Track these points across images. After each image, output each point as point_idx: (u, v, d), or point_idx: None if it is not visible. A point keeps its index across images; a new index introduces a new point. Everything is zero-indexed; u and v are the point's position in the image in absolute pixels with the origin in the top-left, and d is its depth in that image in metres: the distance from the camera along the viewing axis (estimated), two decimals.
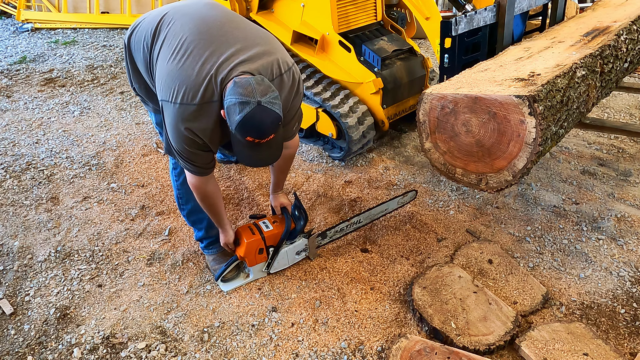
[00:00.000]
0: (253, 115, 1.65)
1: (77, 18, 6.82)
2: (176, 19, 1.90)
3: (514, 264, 2.38)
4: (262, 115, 1.67)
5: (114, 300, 2.29)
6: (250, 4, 3.60)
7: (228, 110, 1.69)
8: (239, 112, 1.65)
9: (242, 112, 1.65)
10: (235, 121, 1.67)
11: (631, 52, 2.57)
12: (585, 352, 1.87)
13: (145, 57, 1.96)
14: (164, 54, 1.84)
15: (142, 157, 3.49)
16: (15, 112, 4.28)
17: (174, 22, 1.89)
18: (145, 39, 1.94)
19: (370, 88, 3.11)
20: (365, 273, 2.40)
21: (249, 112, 1.65)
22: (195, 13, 1.92)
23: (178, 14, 1.92)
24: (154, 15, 1.99)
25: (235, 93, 1.67)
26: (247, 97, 1.65)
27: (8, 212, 2.93)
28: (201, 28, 1.85)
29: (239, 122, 1.66)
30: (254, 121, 1.66)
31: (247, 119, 1.66)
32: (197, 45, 1.80)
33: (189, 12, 1.93)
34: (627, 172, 3.10)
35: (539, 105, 1.79)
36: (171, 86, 1.76)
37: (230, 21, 1.93)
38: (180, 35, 1.84)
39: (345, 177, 3.20)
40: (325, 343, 2.04)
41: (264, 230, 2.27)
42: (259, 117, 1.67)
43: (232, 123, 1.69)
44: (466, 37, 2.62)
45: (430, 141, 2.20)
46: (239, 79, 1.70)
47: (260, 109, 1.66)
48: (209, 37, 1.83)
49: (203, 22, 1.88)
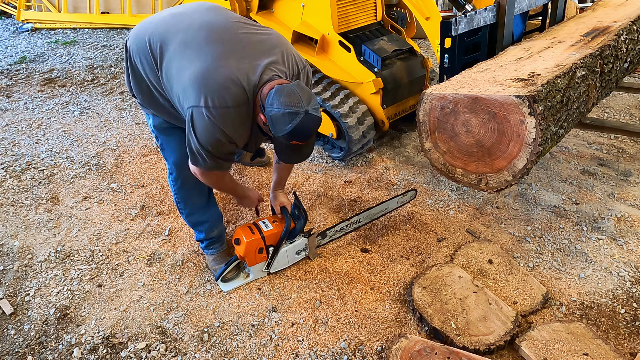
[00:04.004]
0: (302, 124, 1.71)
1: (77, 18, 6.82)
2: (185, 29, 1.88)
3: (514, 264, 2.38)
4: (310, 123, 1.73)
5: (114, 300, 2.29)
6: (250, 4, 3.60)
7: (274, 119, 1.72)
8: (288, 122, 1.70)
9: (292, 123, 1.70)
10: (284, 130, 1.72)
11: (631, 52, 2.57)
12: (585, 352, 1.87)
13: (153, 67, 1.93)
14: (180, 62, 1.83)
15: (142, 157, 3.49)
16: (15, 112, 4.28)
17: (183, 31, 1.88)
18: (153, 49, 1.91)
19: (370, 88, 3.11)
20: (365, 273, 2.40)
21: (299, 122, 1.70)
22: (202, 20, 1.91)
23: (184, 24, 1.91)
24: (157, 24, 1.96)
25: (281, 103, 1.70)
26: (295, 108, 1.69)
27: (8, 212, 2.93)
28: (215, 35, 1.85)
29: (290, 132, 1.71)
30: (303, 129, 1.72)
31: (297, 129, 1.71)
32: (217, 52, 1.80)
33: (195, 21, 1.91)
34: (627, 172, 3.10)
35: (539, 105, 1.79)
36: (199, 92, 1.76)
37: (239, 25, 1.93)
38: (195, 43, 1.83)
39: (345, 177, 3.20)
40: (325, 343, 2.04)
41: (264, 230, 2.27)
42: (308, 126, 1.73)
43: (279, 131, 1.73)
44: (466, 37, 2.62)
45: (430, 141, 2.20)
46: (280, 87, 1.73)
47: (308, 118, 1.72)
48: (227, 43, 1.84)
49: (215, 29, 1.88)
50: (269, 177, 3.18)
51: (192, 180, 2.12)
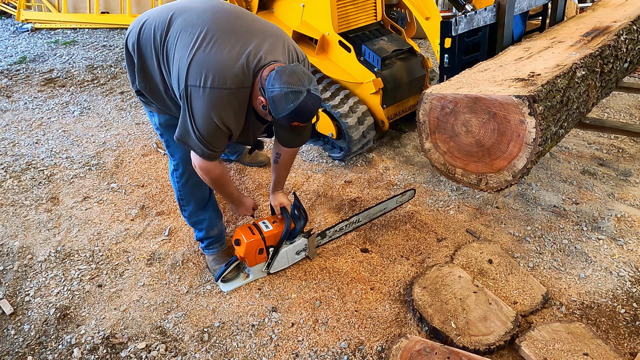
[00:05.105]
0: (305, 103, 1.70)
1: (77, 18, 6.82)
2: (189, 13, 1.90)
3: (514, 264, 2.38)
4: (311, 103, 1.73)
5: (114, 300, 2.29)
6: (250, 4, 3.60)
7: (275, 99, 1.71)
8: (291, 101, 1.69)
9: (295, 101, 1.69)
10: (286, 109, 1.70)
11: (631, 52, 2.57)
12: (585, 352, 1.87)
13: (157, 50, 1.93)
14: (184, 43, 1.83)
15: (142, 157, 3.49)
16: (15, 112, 4.28)
17: (188, 15, 1.89)
18: (156, 33, 1.92)
19: (370, 88, 3.11)
20: (365, 273, 2.40)
21: (302, 101, 1.69)
22: (207, 6, 1.93)
23: (188, 8, 1.92)
24: (161, 11, 1.97)
25: (283, 82, 1.69)
26: (298, 87, 1.69)
27: (8, 212, 2.93)
28: (220, 19, 1.86)
29: (292, 111, 1.70)
30: (306, 109, 1.72)
31: (300, 108, 1.70)
32: (221, 35, 1.81)
33: (200, 6, 1.93)
34: (627, 172, 3.10)
35: (539, 105, 1.79)
36: (200, 71, 1.76)
37: (244, 14, 1.95)
38: (199, 26, 1.84)
39: (345, 177, 3.20)
40: (325, 343, 2.04)
41: (264, 231, 2.27)
42: (310, 105, 1.72)
43: (280, 111, 1.72)
44: (466, 37, 2.62)
45: (430, 141, 2.20)
46: (280, 67, 1.73)
47: (310, 97, 1.72)
48: (230, 27, 1.85)
49: (220, 14, 1.89)
50: (269, 177, 3.18)
51: (196, 177, 2.12)
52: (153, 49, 1.95)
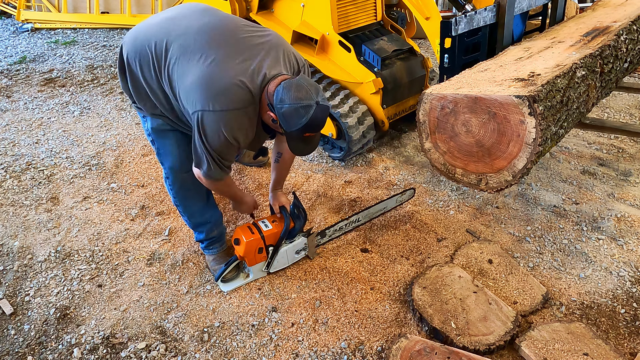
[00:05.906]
0: (316, 116, 1.75)
1: (77, 18, 6.82)
2: (184, 38, 1.88)
3: (514, 264, 2.38)
4: (321, 113, 1.78)
5: (114, 300, 2.29)
6: (250, 4, 3.60)
7: (286, 115, 1.75)
8: (302, 116, 1.74)
9: (307, 116, 1.74)
10: (299, 124, 1.75)
11: (631, 52, 2.57)
12: (585, 352, 1.87)
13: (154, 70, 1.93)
14: (184, 70, 1.83)
15: (142, 157, 3.49)
16: (15, 112, 4.28)
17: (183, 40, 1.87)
18: (153, 53, 1.91)
19: (370, 88, 3.11)
20: (365, 273, 2.40)
21: (313, 114, 1.74)
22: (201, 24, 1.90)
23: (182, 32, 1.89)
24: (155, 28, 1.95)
25: (292, 98, 1.73)
26: (307, 101, 1.73)
27: (8, 212, 2.93)
28: (218, 40, 1.86)
29: (304, 125, 1.75)
30: (317, 121, 1.77)
31: (311, 121, 1.75)
32: (221, 56, 1.81)
33: (194, 25, 1.90)
34: (627, 172, 3.10)
35: (538, 105, 1.79)
36: (206, 96, 1.77)
37: (238, 27, 1.94)
38: (198, 51, 1.83)
39: (345, 177, 3.20)
40: (325, 343, 2.04)
41: (263, 230, 2.27)
42: (320, 116, 1.77)
43: (292, 126, 1.77)
44: (466, 37, 2.62)
45: (430, 141, 2.20)
46: (287, 83, 1.76)
47: (320, 108, 1.76)
48: (230, 46, 1.85)
49: (215, 32, 1.88)
50: (269, 177, 3.18)
51: (189, 183, 2.12)
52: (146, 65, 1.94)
